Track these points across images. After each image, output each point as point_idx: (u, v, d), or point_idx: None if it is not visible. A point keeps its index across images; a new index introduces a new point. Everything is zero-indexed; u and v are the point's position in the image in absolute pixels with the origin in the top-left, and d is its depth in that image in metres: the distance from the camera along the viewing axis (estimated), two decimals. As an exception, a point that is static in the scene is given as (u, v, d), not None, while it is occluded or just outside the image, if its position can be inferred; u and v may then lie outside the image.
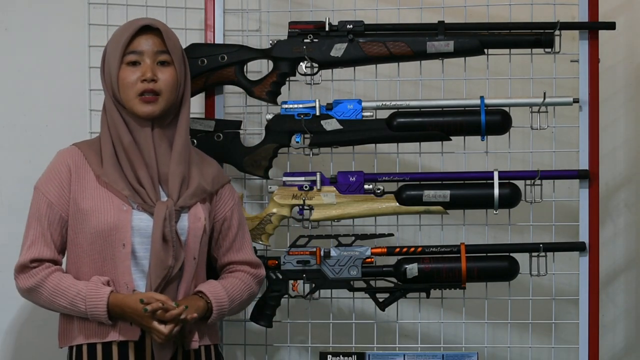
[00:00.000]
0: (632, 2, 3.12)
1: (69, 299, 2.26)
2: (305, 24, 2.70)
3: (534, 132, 2.72)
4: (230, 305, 2.38)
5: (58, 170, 2.33)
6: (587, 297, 2.66)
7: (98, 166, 2.32)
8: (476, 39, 2.66)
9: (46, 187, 2.32)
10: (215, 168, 2.46)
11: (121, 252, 2.27)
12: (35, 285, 2.29)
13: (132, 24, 2.35)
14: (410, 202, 2.66)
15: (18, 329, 2.90)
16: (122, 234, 2.27)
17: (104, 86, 2.35)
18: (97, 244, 2.28)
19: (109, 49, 2.35)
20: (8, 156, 2.92)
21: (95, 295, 2.24)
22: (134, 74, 2.31)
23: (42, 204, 2.32)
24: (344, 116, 2.68)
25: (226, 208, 2.45)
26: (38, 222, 2.32)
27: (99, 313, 2.24)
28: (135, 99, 2.31)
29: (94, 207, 2.28)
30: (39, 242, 2.31)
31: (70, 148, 2.37)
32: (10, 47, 2.94)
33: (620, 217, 3.14)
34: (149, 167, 2.31)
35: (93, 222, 2.28)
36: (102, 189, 2.30)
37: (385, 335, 2.90)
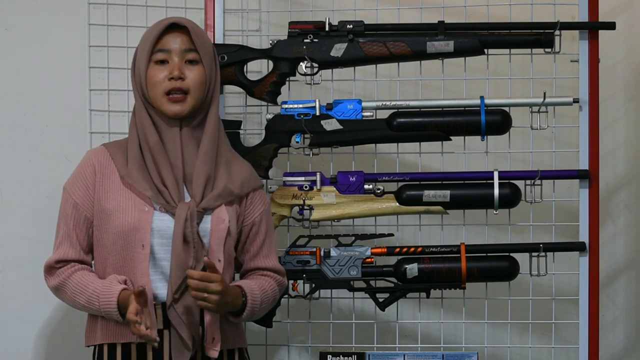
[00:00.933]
0: (632, 2, 3.12)
1: (87, 297, 2.26)
2: (305, 24, 2.70)
3: (534, 132, 2.72)
4: (260, 305, 2.34)
5: (84, 170, 2.33)
6: (587, 297, 2.66)
7: (123, 167, 2.31)
8: (476, 39, 2.66)
9: (72, 187, 2.33)
10: (248, 171, 2.42)
11: (140, 253, 2.26)
12: (59, 284, 2.29)
13: (160, 22, 2.34)
14: (410, 202, 2.66)
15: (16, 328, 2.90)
16: (142, 234, 2.26)
17: (134, 86, 2.34)
18: (118, 244, 2.27)
19: (139, 49, 2.33)
20: (8, 156, 2.92)
21: (107, 293, 2.24)
22: (162, 72, 2.29)
23: (68, 205, 2.32)
24: (344, 116, 2.68)
25: (255, 213, 2.41)
26: (64, 223, 2.32)
27: (111, 310, 2.23)
28: (163, 97, 2.30)
29: (117, 207, 2.28)
30: (65, 243, 2.31)
31: (99, 148, 2.37)
32: (10, 47, 2.94)
33: (620, 217, 3.14)
34: (174, 168, 2.29)
35: (115, 222, 2.27)
36: (125, 190, 2.29)
37: (385, 335, 2.90)
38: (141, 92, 2.32)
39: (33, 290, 2.85)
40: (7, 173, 2.92)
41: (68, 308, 2.35)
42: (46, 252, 2.76)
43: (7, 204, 2.91)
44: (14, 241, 2.90)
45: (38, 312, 2.88)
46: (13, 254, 2.90)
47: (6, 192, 2.92)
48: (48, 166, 2.91)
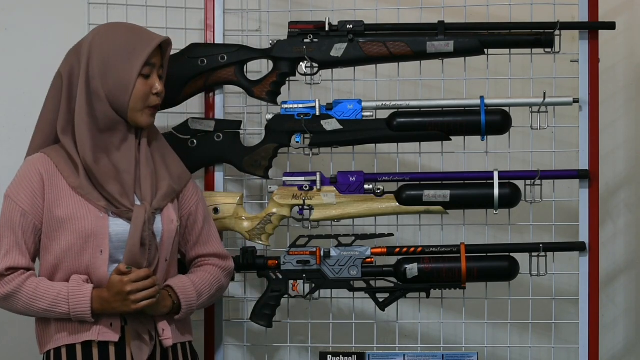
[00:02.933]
0: (632, 2, 3.12)
1: (49, 301, 2.26)
2: (305, 24, 2.70)
3: (534, 132, 2.72)
4: (199, 299, 2.39)
5: (30, 178, 2.31)
6: (587, 297, 2.66)
7: (72, 176, 2.30)
8: (476, 39, 2.66)
9: (18, 195, 2.30)
10: (180, 165, 2.47)
11: (98, 259, 2.28)
12: (11, 292, 2.28)
13: (150, 37, 2.33)
14: (410, 202, 2.66)
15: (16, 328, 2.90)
16: (100, 240, 2.28)
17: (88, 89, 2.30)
18: (72, 250, 2.28)
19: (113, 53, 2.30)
20: (8, 156, 2.92)
21: (77, 294, 2.25)
22: (146, 86, 2.32)
23: (15, 213, 2.30)
24: (344, 116, 2.68)
25: (191, 203, 2.46)
26: (12, 231, 2.29)
27: (83, 310, 2.24)
28: (145, 110, 2.33)
29: (70, 214, 2.28)
30: (13, 251, 2.29)
31: (40, 156, 2.34)
32: (10, 47, 2.94)
33: (620, 217, 3.15)
34: (126, 173, 2.31)
35: (70, 229, 2.27)
36: (77, 197, 2.29)
37: (385, 335, 2.90)
38: (112, 99, 2.30)
39: (33, 290, 2.85)
40: (7, 173, 2.91)
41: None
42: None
43: (7, 204, 2.90)
44: (14, 241, 2.89)
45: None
46: (13, 254, 2.89)
47: (6, 192, 2.91)
48: (48, 166, 2.91)
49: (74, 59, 2.34)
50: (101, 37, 2.33)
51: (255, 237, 2.68)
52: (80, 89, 2.31)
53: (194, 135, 2.68)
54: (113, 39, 2.32)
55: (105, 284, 2.27)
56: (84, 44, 2.34)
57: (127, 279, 2.23)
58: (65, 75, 2.35)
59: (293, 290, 2.68)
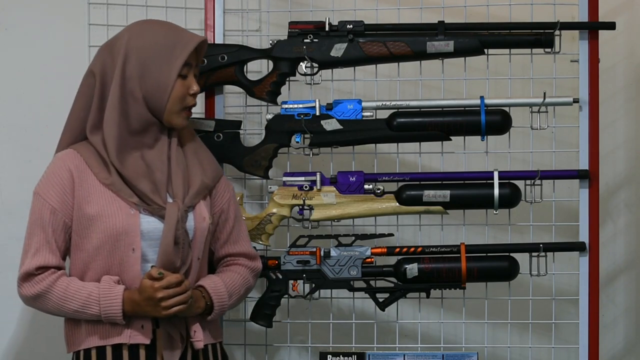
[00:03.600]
0: (632, 2, 3.12)
1: (80, 302, 2.22)
2: (305, 24, 2.70)
3: (534, 132, 2.72)
4: (229, 300, 2.37)
5: (59, 175, 2.27)
6: (587, 297, 2.66)
7: (103, 173, 2.26)
8: (476, 39, 2.66)
9: (48, 192, 2.26)
10: (213, 161, 2.44)
11: (130, 257, 2.24)
12: (42, 292, 2.24)
13: (188, 37, 2.29)
14: (410, 202, 2.66)
15: (16, 328, 2.90)
16: (132, 238, 2.24)
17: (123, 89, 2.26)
18: (104, 248, 2.24)
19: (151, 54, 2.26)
20: (8, 156, 2.92)
21: (109, 295, 2.21)
22: (184, 87, 2.29)
23: (44, 211, 2.26)
24: (344, 116, 2.68)
25: (223, 200, 2.43)
26: (41, 229, 2.26)
27: (114, 313, 2.21)
28: (181, 111, 2.30)
29: (101, 211, 2.24)
30: (43, 249, 2.25)
31: (69, 151, 2.30)
32: (10, 47, 2.94)
33: (620, 217, 3.15)
34: (159, 171, 2.28)
35: (101, 226, 2.24)
36: (108, 193, 2.25)
37: (385, 335, 2.90)
38: (148, 99, 2.27)
39: (33, 290, 2.85)
40: (7, 173, 2.92)
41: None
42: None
43: (7, 204, 2.91)
44: (14, 241, 2.89)
45: (38, 312, 2.87)
46: (13, 254, 2.89)
47: (6, 192, 2.92)
48: (48, 166, 2.91)
49: (107, 57, 2.29)
50: (138, 36, 2.28)
51: (255, 237, 2.68)
52: (114, 89, 2.26)
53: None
54: (151, 39, 2.27)
55: (137, 282, 2.24)
56: (119, 42, 2.28)
57: (158, 285, 2.19)
58: (98, 74, 2.29)
59: (293, 290, 2.68)
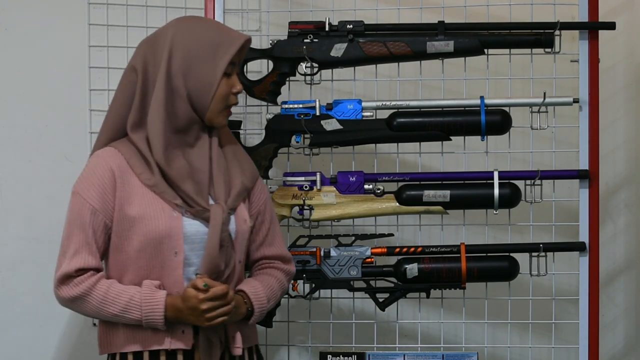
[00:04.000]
0: (632, 2, 3.12)
1: (121, 306, 2.15)
2: (305, 24, 2.70)
3: (534, 132, 2.72)
4: (268, 304, 2.31)
5: (100, 174, 2.19)
6: (587, 297, 2.66)
7: (145, 174, 2.19)
8: (476, 39, 2.66)
9: (88, 192, 2.18)
10: (251, 161, 2.37)
11: (173, 261, 2.18)
12: (81, 294, 2.16)
13: (233, 35, 2.24)
14: (410, 202, 2.66)
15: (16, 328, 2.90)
16: (175, 241, 2.17)
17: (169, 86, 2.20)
18: (146, 251, 2.18)
19: (197, 51, 2.20)
20: (8, 156, 2.92)
21: (151, 300, 2.15)
22: (228, 86, 2.23)
23: (84, 211, 2.17)
24: (344, 116, 2.68)
25: (260, 202, 2.36)
26: (81, 230, 2.17)
27: (156, 318, 2.15)
28: (224, 110, 2.25)
29: (143, 213, 2.17)
30: (83, 250, 2.17)
31: (111, 150, 2.22)
32: (10, 47, 2.94)
33: (620, 217, 3.15)
34: (201, 172, 2.22)
35: (143, 229, 2.17)
36: (150, 194, 2.18)
37: (385, 335, 2.90)
38: (191, 97, 2.21)
39: (33, 290, 2.85)
40: (7, 173, 2.92)
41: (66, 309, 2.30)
42: (46, 252, 2.77)
43: (7, 204, 2.91)
44: (14, 241, 2.90)
45: (38, 312, 2.88)
46: (13, 254, 2.90)
47: (6, 192, 2.92)
48: (48, 166, 2.91)
49: (149, 53, 2.22)
50: (184, 33, 2.22)
51: (255, 237, 2.68)
52: (159, 86, 2.19)
53: (194, 135, 2.68)
54: (197, 36, 2.22)
55: (179, 286, 2.18)
56: (163, 38, 2.22)
57: (203, 296, 2.13)
58: (140, 70, 2.22)
59: (293, 290, 2.68)
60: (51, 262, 2.21)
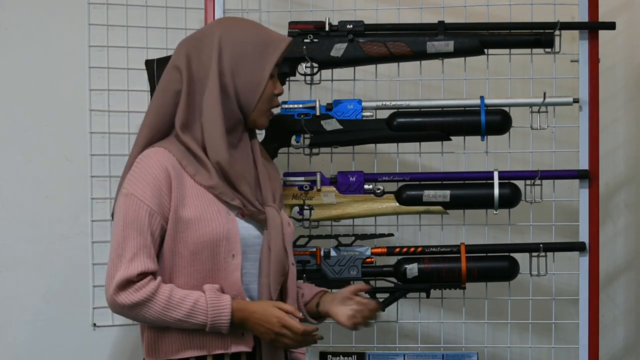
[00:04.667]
0: (632, 2, 3.12)
1: (185, 311, 2.09)
2: (305, 24, 2.70)
3: (534, 132, 2.72)
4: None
5: (155, 174, 2.12)
6: (587, 297, 2.66)
7: (200, 175, 2.16)
8: (476, 39, 2.66)
9: (144, 194, 2.11)
10: (278, 169, 2.40)
11: (230, 264, 2.14)
12: (144, 300, 2.08)
13: (278, 37, 2.23)
14: (410, 202, 2.66)
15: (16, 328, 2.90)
16: (232, 243, 2.14)
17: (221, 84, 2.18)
18: (202, 254, 2.13)
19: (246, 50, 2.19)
20: (8, 156, 2.92)
21: (218, 305, 2.10)
22: (273, 87, 2.23)
23: (141, 213, 2.10)
24: (344, 116, 2.68)
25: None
26: (139, 233, 2.10)
27: (222, 323, 2.10)
28: (267, 111, 2.24)
29: (199, 215, 2.13)
30: (141, 254, 2.09)
31: (162, 150, 2.16)
32: (10, 47, 2.94)
33: (620, 217, 3.15)
34: (248, 175, 2.21)
35: (200, 231, 2.13)
36: (206, 195, 2.15)
37: (385, 335, 2.90)
38: (239, 97, 2.20)
39: (33, 290, 2.85)
40: (7, 173, 2.92)
41: (70, 309, 2.29)
42: (46, 253, 2.77)
43: (7, 204, 2.90)
44: (14, 241, 2.90)
45: (38, 312, 2.88)
46: (13, 254, 2.90)
47: (6, 192, 2.91)
48: (48, 166, 2.91)
49: (193, 52, 2.19)
50: (231, 31, 2.20)
51: (255, 237, 2.68)
52: (212, 85, 2.16)
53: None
54: (245, 35, 2.20)
55: (237, 289, 2.14)
56: (209, 37, 2.19)
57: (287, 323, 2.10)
58: (184, 68, 2.18)
59: (293, 290, 2.68)
60: (51, 262, 2.21)
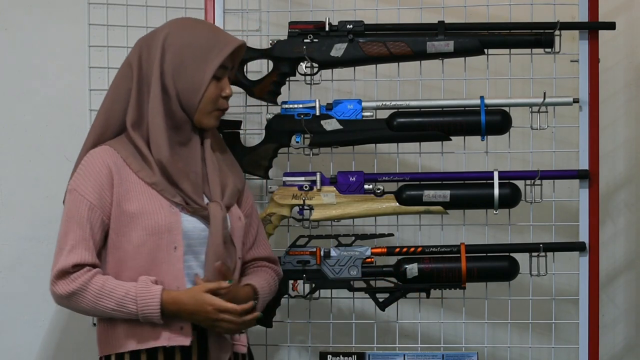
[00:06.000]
0: (632, 2, 3.12)
1: (116, 300, 2.17)
2: (305, 24, 2.70)
3: (534, 132, 2.72)
4: (265, 301, 2.37)
5: (97, 171, 2.22)
6: (587, 297, 2.66)
7: (144, 172, 2.23)
8: (476, 39, 2.66)
9: (85, 189, 2.21)
10: (239, 168, 2.44)
11: (172, 255, 2.21)
12: (77, 290, 2.17)
13: (227, 39, 2.27)
14: (410, 202, 2.66)
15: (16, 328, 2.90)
16: (174, 236, 2.21)
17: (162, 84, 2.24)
18: (145, 246, 2.20)
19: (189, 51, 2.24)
20: (8, 156, 2.92)
21: (146, 294, 2.16)
22: (217, 89, 2.27)
23: (82, 207, 2.20)
24: (344, 116, 2.68)
25: (248, 206, 2.42)
26: (78, 226, 2.20)
27: (152, 311, 2.16)
28: (213, 112, 2.28)
29: (142, 209, 2.21)
30: (80, 246, 2.19)
31: (106, 148, 2.25)
32: (10, 47, 2.94)
33: (620, 217, 3.14)
34: (194, 173, 2.26)
35: (142, 224, 2.20)
36: (149, 191, 2.22)
37: (385, 335, 2.90)
38: (181, 98, 2.24)
39: (33, 290, 2.85)
40: (7, 173, 2.92)
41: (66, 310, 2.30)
42: (46, 252, 2.77)
43: (7, 204, 2.91)
44: (14, 241, 2.90)
45: (38, 312, 2.88)
46: (13, 254, 2.90)
47: (6, 192, 2.91)
48: (48, 166, 2.91)
49: (144, 50, 2.26)
50: (178, 32, 2.26)
51: (255, 237, 2.68)
52: (154, 84, 2.23)
53: (194, 135, 2.68)
54: (191, 37, 2.25)
55: (180, 281, 2.21)
56: (158, 36, 2.26)
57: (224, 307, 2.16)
58: (135, 66, 2.26)
59: (293, 290, 2.68)
60: (51, 262, 2.22)
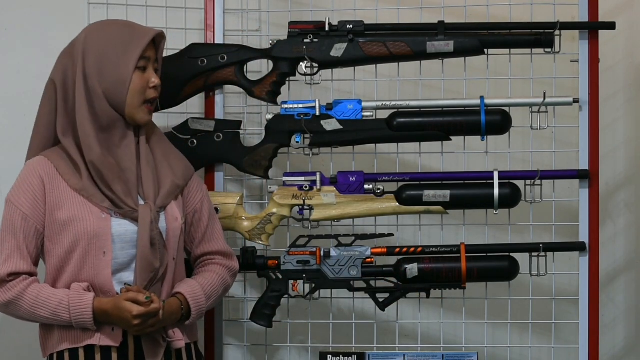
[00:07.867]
0: (632, 2, 3.12)
1: (51, 310, 2.24)
2: (305, 24, 2.70)
3: (534, 132, 2.72)
4: (207, 302, 2.38)
5: (30, 182, 2.30)
6: (587, 297, 2.66)
7: (73, 179, 2.29)
8: (476, 39, 2.66)
9: (19, 199, 2.29)
10: (183, 160, 2.45)
11: (102, 260, 2.26)
12: (13, 299, 2.26)
13: (143, 31, 2.33)
14: (410, 202, 2.66)
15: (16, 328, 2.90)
16: (103, 241, 2.26)
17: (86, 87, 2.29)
18: (75, 253, 2.26)
19: (108, 49, 2.29)
20: (8, 156, 2.92)
21: (79, 303, 2.23)
22: (143, 80, 2.31)
23: (16, 217, 2.28)
24: (344, 116, 2.68)
25: (196, 200, 2.44)
26: (13, 236, 2.28)
27: (85, 320, 2.24)
28: (142, 106, 2.32)
29: (72, 216, 2.26)
30: (15, 255, 2.27)
31: (39, 159, 2.33)
32: (10, 47, 2.94)
33: (620, 217, 3.14)
34: (128, 171, 2.30)
35: (73, 231, 2.26)
36: (79, 198, 2.28)
37: (385, 335, 2.90)
38: (108, 96, 2.28)
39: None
40: (7, 173, 2.91)
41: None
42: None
43: (7, 204, 2.90)
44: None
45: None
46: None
47: (6, 192, 2.91)
48: (48, 166, 2.91)
49: (67, 60, 2.33)
50: (94, 34, 2.32)
51: (255, 237, 2.68)
52: (78, 89, 2.29)
53: (194, 135, 2.68)
54: (107, 35, 2.31)
55: (109, 286, 2.27)
56: (77, 43, 2.33)
57: (136, 313, 2.19)
58: (59, 79, 2.33)
59: (293, 290, 2.68)
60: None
